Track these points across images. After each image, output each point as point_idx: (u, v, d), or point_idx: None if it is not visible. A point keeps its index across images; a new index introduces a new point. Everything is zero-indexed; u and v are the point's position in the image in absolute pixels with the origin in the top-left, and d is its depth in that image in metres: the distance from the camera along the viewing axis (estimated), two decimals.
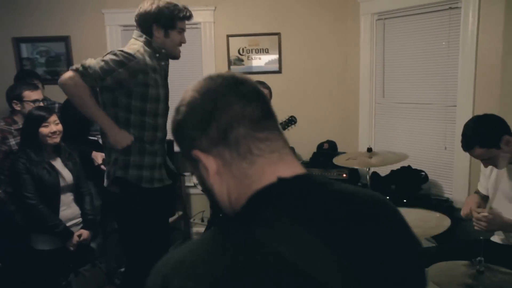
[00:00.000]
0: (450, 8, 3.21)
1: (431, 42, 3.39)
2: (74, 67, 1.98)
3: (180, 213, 4.09)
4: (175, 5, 2.16)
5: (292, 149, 4.04)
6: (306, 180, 0.74)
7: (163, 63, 2.24)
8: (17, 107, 2.91)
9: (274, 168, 0.72)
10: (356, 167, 2.83)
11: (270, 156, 0.72)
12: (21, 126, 2.87)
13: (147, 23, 2.14)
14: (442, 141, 3.36)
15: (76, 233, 2.63)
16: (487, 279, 1.77)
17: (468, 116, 3.07)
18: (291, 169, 0.73)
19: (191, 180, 4.18)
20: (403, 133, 3.67)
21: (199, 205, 4.25)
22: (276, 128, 0.76)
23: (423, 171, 3.38)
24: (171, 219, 3.81)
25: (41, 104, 2.96)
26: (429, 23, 3.39)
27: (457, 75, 3.18)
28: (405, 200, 3.23)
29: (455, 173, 3.26)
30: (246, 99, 0.73)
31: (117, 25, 4.13)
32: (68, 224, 2.63)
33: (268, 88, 3.18)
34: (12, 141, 2.86)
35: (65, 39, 4.16)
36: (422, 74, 3.48)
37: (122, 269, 3.44)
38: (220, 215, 0.94)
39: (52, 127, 2.57)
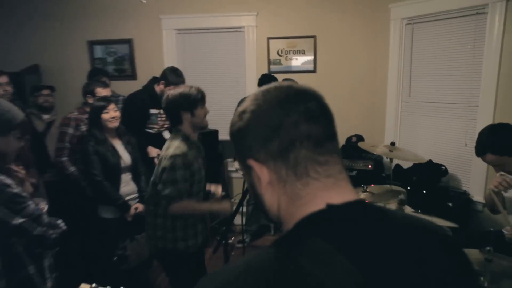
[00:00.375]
0: (477, 13, 3.07)
1: (456, 45, 3.26)
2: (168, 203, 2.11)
3: (223, 193, 4.21)
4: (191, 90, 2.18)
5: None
6: (357, 208, 0.65)
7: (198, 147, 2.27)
8: (90, 100, 3.09)
9: (326, 193, 0.65)
10: (377, 153, 2.81)
11: (325, 181, 0.65)
12: None
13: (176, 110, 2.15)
14: (463, 138, 3.25)
15: (133, 206, 2.78)
16: (495, 267, 1.74)
17: (489, 116, 2.98)
18: (343, 195, 0.66)
19: (233, 165, 4.29)
20: (426, 129, 3.57)
21: (239, 187, 4.37)
22: (336, 151, 0.68)
23: (443, 165, 3.29)
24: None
25: None
26: (455, 27, 3.26)
27: (480, 77, 3.06)
28: (424, 191, 3.18)
29: (474, 168, 3.16)
30: (313, 119, 0.65)
31: (172, 29, 4.27)
32: (126, 198, 2.78)
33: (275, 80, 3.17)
34: (84, 128, 3.02)
35: (128, 42, 4.36)
36: (447, 76, 3.36)
37: None
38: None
39: (112, 113, 2.70)
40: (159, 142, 3.02)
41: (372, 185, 2.74)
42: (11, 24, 4.48)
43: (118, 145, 2.79)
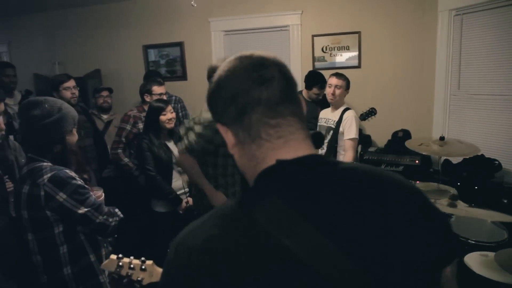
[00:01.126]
0: None
1: (509, 35, 3.07)
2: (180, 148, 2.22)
3: None
4: None
5: (368, 137, 3.97)
6: (307, 162, 0.69)
7: None
8: (147, 99, 3.26)
9: (276, 152, 0.69)
10: (425, 153, 2.71)
11: (276, 142, 0.69)
12: None
13: None
14: None
15: (184, 200, 2.89)
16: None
17: None
18: (294, 152, 0.69)
19: None
20: (477, 123, 3.40)
21: None
22: (292, 113, 0.71)
23: (496, 160, 3.12)
24: None
25: (165, 97, 3.29)
26: (508, 16, 3.07)
27: None
28: (476, 187, 3.04)
29: None
30: (265, 84, 0.69)
31: (220, 30, 4.40)
32: (178, 192, 2.89)
33: (346, 79, 3.09)
34: (141, 125, 3.16)
35: (180, 44, 4.56)
36: (499, 67, 3.18)
37: None
38: None
39: (169, 115, 2.83)
40: None
41: (418, 181, 2.67)
42: (76, 32, 4.86)
43: (170, 143, 2.94)
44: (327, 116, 3.22)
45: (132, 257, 1.28)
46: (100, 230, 1.69)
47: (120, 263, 1.25)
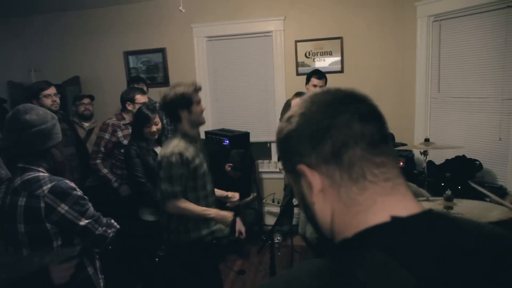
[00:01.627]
0: (508, 6, 2.99)
1: (487, 40, 3.18)
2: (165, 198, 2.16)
3: (255, 194, 4.25)
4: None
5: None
6: (425, 221, 0.57)
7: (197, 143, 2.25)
8: (129, 107, 3.15)
9: (386, 199, 0.58)
10: (415, 149, 2.79)
11: (384, 185, 0.59)
12: (127, 122, 3.10)
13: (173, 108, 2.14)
14: (497, 133, 3.16)
15: None
16: None
17: None
18: (406, 204, 0.59)
19: (263, 167, 4.33)
20: (457, 125, 3.50)
21: (271, 188, 4.40)
22: (392, 154, 0.62)
23: (477, 160, 3.21)
24: (247, 199, 3.97)
25: None
26: (485, 22, 3.18)
27: None
28: (459, 187, 3.11)
29: (510, 162, 3.07)
30: (365, 119, 0.60)
31: (202, 36, 4.36)
32: None
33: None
34: (120, 134, 3.08)
35: (162, 51, 4.49)
36: (477, 70, 3.28)
37: None
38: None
39: (153, 128, 2.72)
40: None
41: None
42: (53, 38, 4.70)
43: (158, 149, 2.87)
44: None
45: None
46: (99, 241, 1.64)
47: None
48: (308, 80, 3.61)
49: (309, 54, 4.14)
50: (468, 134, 3.40)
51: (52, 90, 3.02)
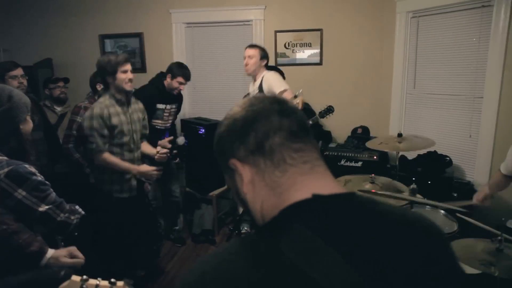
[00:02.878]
0: (483, 6, 3.03)
1: (462, 38, 3.22)
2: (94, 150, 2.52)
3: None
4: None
5: (329, 133, 4.04)
6: (343, 200, 0.65)
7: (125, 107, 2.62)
8: (99, 88, 3.11)
9: (305, 178, 0.65)
10: (386, 150, 2.80)
11: (303, 166, 0.66)
12: None
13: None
14: (468, 130, 3.23)
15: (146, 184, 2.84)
16: (506, 256, 1.69)
17: (493, 108, 2.96)
18: (325, 183, 0.66)
19: None
20: (430, 121, 3.55)
21: None
22: (311, 142, 0.69)
23: (447, 156, 3.28)
24: (222, 189, 3.92)
25: None
26: (461, 20, 3.22)
27: (485, 69, 3.03)
28: (429, 182, 3.17)
29: (478, 159, 3.14)
30: (284, 115, 0.68)
31: (181, 23, 4.26)
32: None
33: (260, 49, 3.14)
34: None
35: (139, 35, 4.36)
36: (452, 68, 3.33)
37: (177, 227, 3.66)
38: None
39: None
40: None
41: (373, 174, 2.72)
42: (24, 18, 4.49)
43: None
44: (251, 90, 3.24)
45: (99, 279, 1.06)
46: (61, 228, 1.59)
47: (84, 286, 1.03)
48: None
49: (288, 45, 4.10)
50: (440, 131, 3.46)
51: (19, 72, 2.89)
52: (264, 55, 3.13)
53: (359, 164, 3.57)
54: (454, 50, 3.29)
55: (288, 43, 4.10)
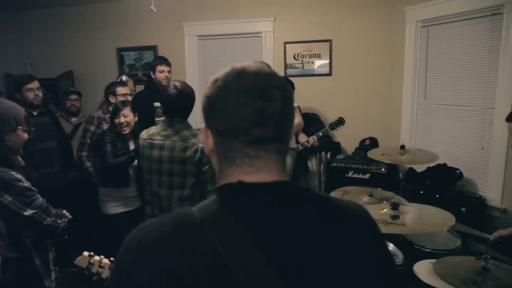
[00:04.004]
0: (493, 14, 2.93)
1: (472, 47, 3.12)
2: None
3: None
4: None
5: (338, 144, 3.99)
6: (267, 187, 0.68)
7: None
8: (112, 100, 3.19)
9: (243, 175, 0.69)
10: (388, 162, 2.74)
11: (247, 169, 0.68)
12: None
13: None
14: (479, 142, 3.10)
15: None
16: (492, 276, 1.63)
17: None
18: (257, 178, 0.69)
19: None
20: (441, 132, 3.44)
21: None
22: (277, 151, 0.70)
23: (458, 169, 3.16)
24: None
25: (129, 97, 3.22)
26: (471, 28, 3.13)
27: (496, 79, 2.92)
28: (437, 195, 3.06)
29: (491, 173, 3.01)
30: (262, 121, 0.66)
31: (193, 35, 4.37)
32: (128, 195, 2.82)
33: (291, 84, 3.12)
34: (105, 126, 3.11)
35: (153, 48, 4.51)
36: (463, 78, 3.23)
37: None
38: None
39: (121, 119, 2.74)
40: None
41: (379, 188, 2.67)
42: (47, 33, 4.76)
43: (131, 143, 2.88)
44: None
45: (102, 256, 1.33)
46: (48, 232, 1.65)
47: (91, 261, 1.31)
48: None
49: (298, 56, 4.12)
50: (451, 142, 3.35)
51: (35, 84, 3.06)
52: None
53: (367, 176, 3.51)
54: (465, 59, 3.19)
55: (298, 54, 4.11)
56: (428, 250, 2.28)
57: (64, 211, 1.75)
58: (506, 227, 2.86)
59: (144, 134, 2.25)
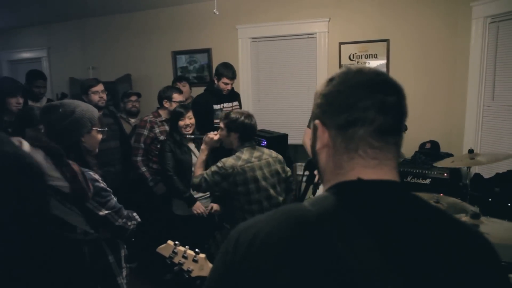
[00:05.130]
0: None
1: None
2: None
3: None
4: None
5: None
6: (386, 187, 0.69)
7: None
8: (166, 105, 3.28)
9: (364, 169, 0.69)
10: (457, 166, 2.58)
11: (370, 161, 0.69)
12: (163, 119, 3.25)
13: None
14: None
15: (210, 205, 2.88)
16: None
17: None
18: (379, 175, 0.69)
19: (302, 169, 4.26)
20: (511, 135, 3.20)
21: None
22: (395, 144, 0.71)
23: None
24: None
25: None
26: None
27: None
28: (509, 204, 2.85)
29: None
30: (383, 111, 0.69)
31: (247, 38, 4.41)
32: (198, 195, 2.91)
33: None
34: (157, 130, 3.21)
35: (207, 51, 4.60)
36: None
37: None
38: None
39: (187, 121, 2.88)
40: None
41: (442, 194, 2.53)
42: (108, 39, 5.02)
43: (192, 146, 2.97)
44: None
45: (187, 247, 1.33)
46: (119, 232, 1.71)
47: (175, 250, 1.30)
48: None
49: (353, 57, 4.02)
50: None
51: (100, 87, 3.22)
52: None
53: (427, 181, 3.34)
54: None
55: (353, 54, 4.02)
56: None
57: (134, 214, 1.80)
58: None
59: (224, 164, 2.38)
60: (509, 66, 3.22)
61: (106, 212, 1.63)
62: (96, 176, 1.64)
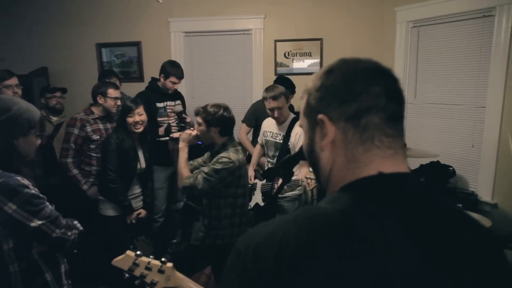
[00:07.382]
0: (484, 16, 3.04)
1: (463, 47, 3.22)
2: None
3: None
4: None
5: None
6: (407, 180, 0.67)
7: None
8: (100, 101, 3.00)
9: (382, 161, 0.66)
10: None
11: (386, 151, 0.66)
12: (96, 116, 2.98)
13: None
14: (470, 140, 3.21)
15: (136, 212, 2.78)
16: None
17: (496, 117, 2.95)
18: (396, 166, 0.66)
19: None
20: (432, 131, 3.53)
21: None
22: (402, 130, 0.70)
23: (451, 166, 3.25)
24: None
25: (118, 102, 3.06)
26: (462, 30, 3.23)
27: (487, 79, 3.03)
28: None
29: (482, 169, 3.12)
30: (392, 97, 0.67)
31: (180, 31, 4.23)
32: (132, 197, 2.78)
33: (283, 93, 2.82)
34: (89, 128, 2.94)
35: (137, 44, 4.32)
36: (453, 77, 3.33)
37: (174, 240, 3.61)
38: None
39: (136, 117, 2.64)
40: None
41: None
42: (20, 27, 4.44)
43: (139, 149, 2.77)
44: (273, 130, 3.02)
45: (152, 257, 1.20)
46: (57, 245, 1.48)
47: (136, 262, 1.18)
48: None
49: (288, 55, 4.08)
50: (443, 140, 3.44)
51: (13, 81, 2.83)
52: (287, 93, 2.86)
53: None
54: (456, 59, 3.29)
55: (288, 52, 4.08)
56: None
57: (75, 222, 1.58)
58: (496, 222, 2.99)
59: (230, 158, 2.25)
60: (429, 67, 3.54)
61: (40, 222, 1.39)
62: (25, 182, 1.40)
